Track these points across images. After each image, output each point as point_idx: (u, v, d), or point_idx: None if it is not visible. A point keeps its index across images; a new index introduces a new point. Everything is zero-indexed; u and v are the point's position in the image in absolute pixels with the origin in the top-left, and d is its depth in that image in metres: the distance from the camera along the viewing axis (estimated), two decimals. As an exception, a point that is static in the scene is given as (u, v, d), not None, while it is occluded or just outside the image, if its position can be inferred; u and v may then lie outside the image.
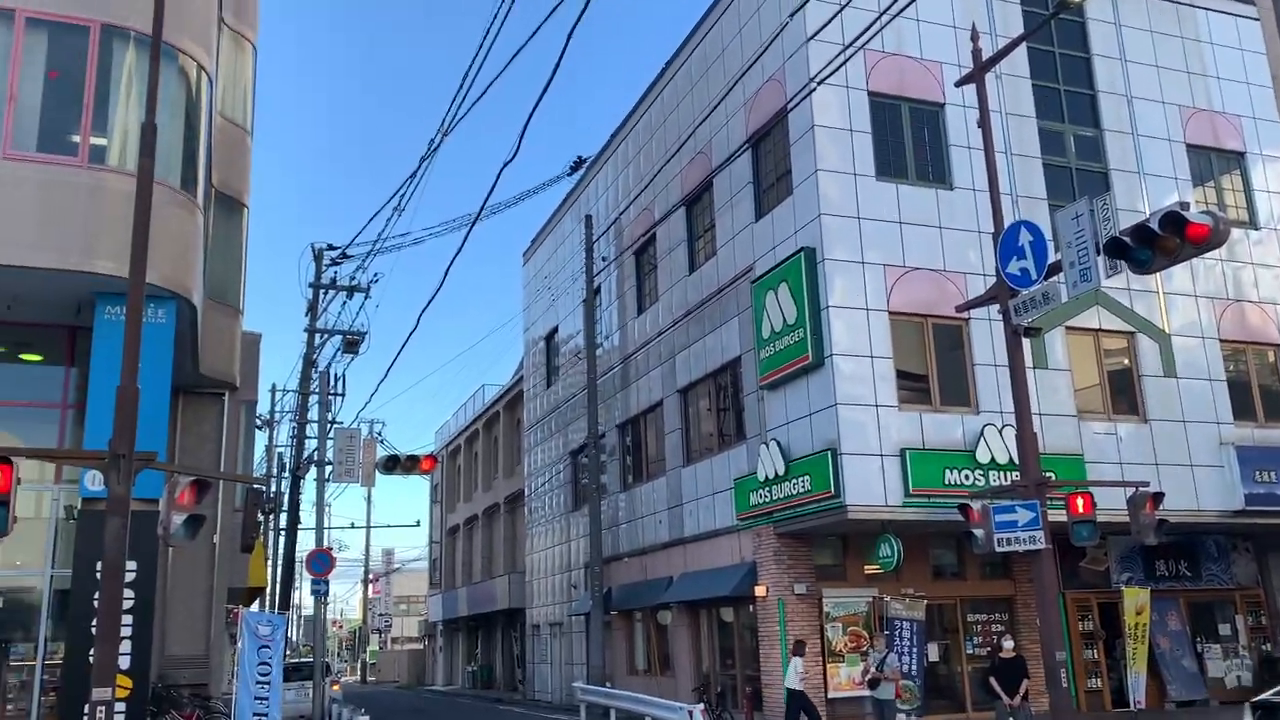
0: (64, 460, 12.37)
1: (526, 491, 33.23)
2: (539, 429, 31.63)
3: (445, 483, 48.97)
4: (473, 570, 42.94)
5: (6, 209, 11.74)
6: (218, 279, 16.35)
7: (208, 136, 14.47)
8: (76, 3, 12.59)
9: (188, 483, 8.62)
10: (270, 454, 35.84)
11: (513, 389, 37.59)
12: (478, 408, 43.43)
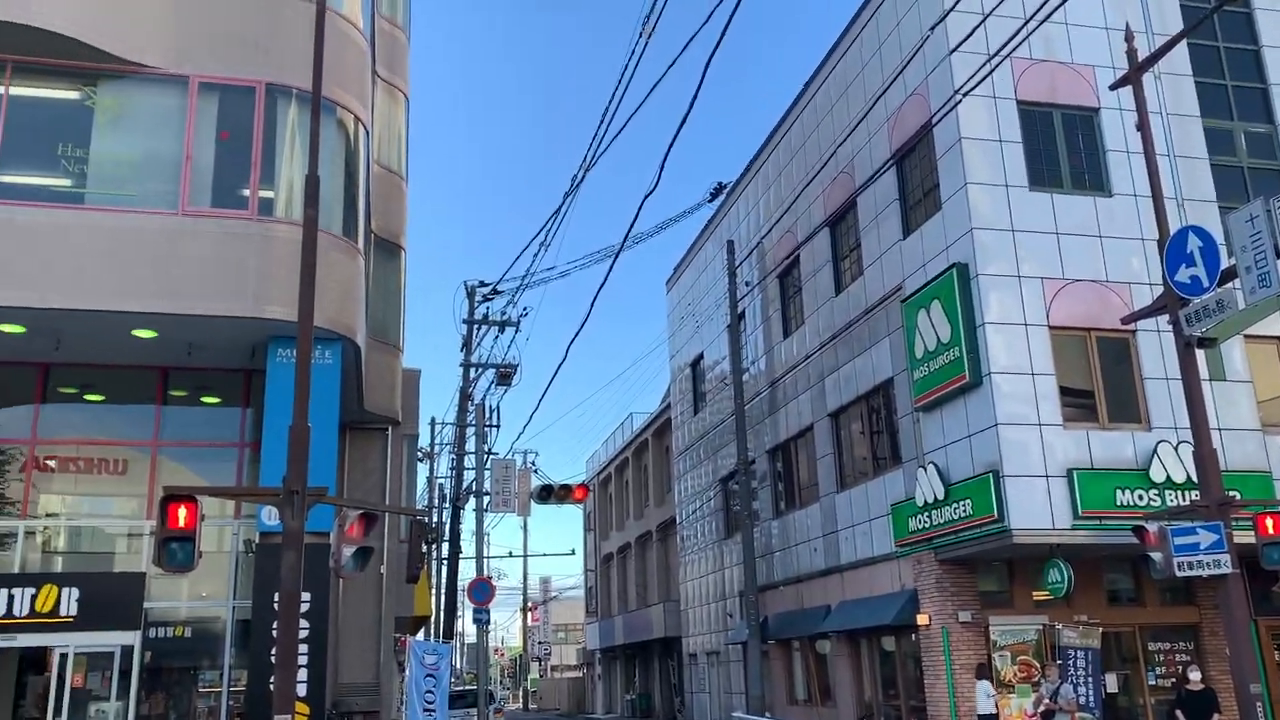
0: (242, 497, 13.10)
1: (678, 519, 33.26)
2: (688, 456, 31.66)
3: (598, 511, 49.53)
4: (628, 598, 43.18)
5: (186, 262, 12.58)
6: (378, 319, 17.08)
7: (366, 184, 15.17)
8: (243, 65, 13.44)
9: (356, 516, 8.98)
10: (431, 485, 37.06)
11: (660, 416, 37.79)
12: (626, 436, 43.83)
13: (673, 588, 35.23)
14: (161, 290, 12.42)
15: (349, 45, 14.38)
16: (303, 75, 13.41)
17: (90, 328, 12.75)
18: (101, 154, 13.09)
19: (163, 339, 13.24)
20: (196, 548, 8.25)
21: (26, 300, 12.00)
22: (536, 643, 74.47)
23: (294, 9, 13.78)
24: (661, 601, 36.16)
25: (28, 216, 12.30)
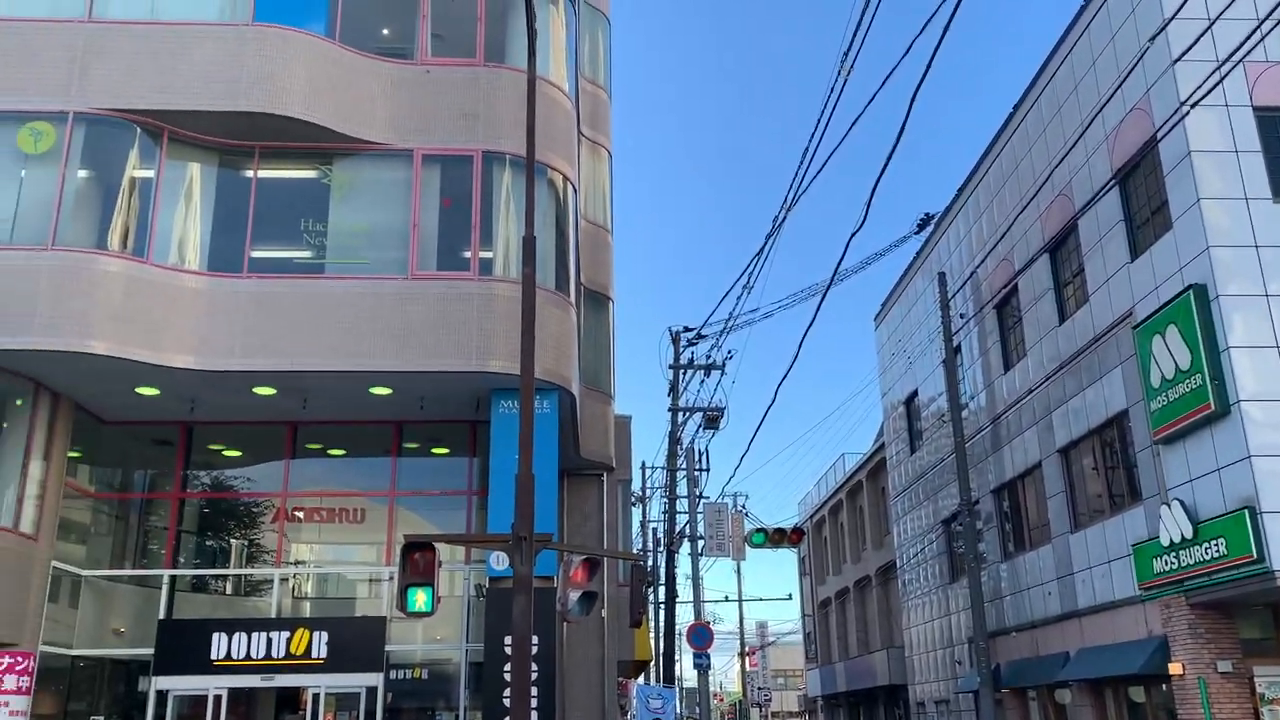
0: (473, 544, 13.70)
1: (898, 563, 32.20)
2: (905, 497, 30.68)
3: (813, 555, 48.65)
4: (848, 644, 42.07)
5: (415, 322, 13.40)
6: (590, 368, 17.58)
7: (575, 240, 15.73)
8: (461, 136, 14.29)
9: (580, 561, 9.21)
10: (644, 530, 37.53)
11: (874, 456, 36.85)
12: (839, 477, 42.96)
13: (895, 633, 34.05)
14: (395, 350, 13.27)
15: (557, 109, 15.02)
16: (515, 141, 14.14)
17: (333, 387, 13.76)
18: (338, 226, 14.18)
19: (397, 395, 14.11)
20: (435, 593, 8.69)
21: (279, 365, 13.10)
22: (756, 688, 73.59)
23: (505, 80, 14.55)
24: (885, 648, 35.00)
25: (277, 288, 13.46)
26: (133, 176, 13.61)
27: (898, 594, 32.74)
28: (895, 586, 33.40)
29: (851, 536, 41.18)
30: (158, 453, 15.54)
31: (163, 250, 13.40)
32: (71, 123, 13.35)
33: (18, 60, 13.52)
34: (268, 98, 13.60)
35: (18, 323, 12.31)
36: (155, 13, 14.05)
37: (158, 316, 12.93)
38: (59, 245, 12.78)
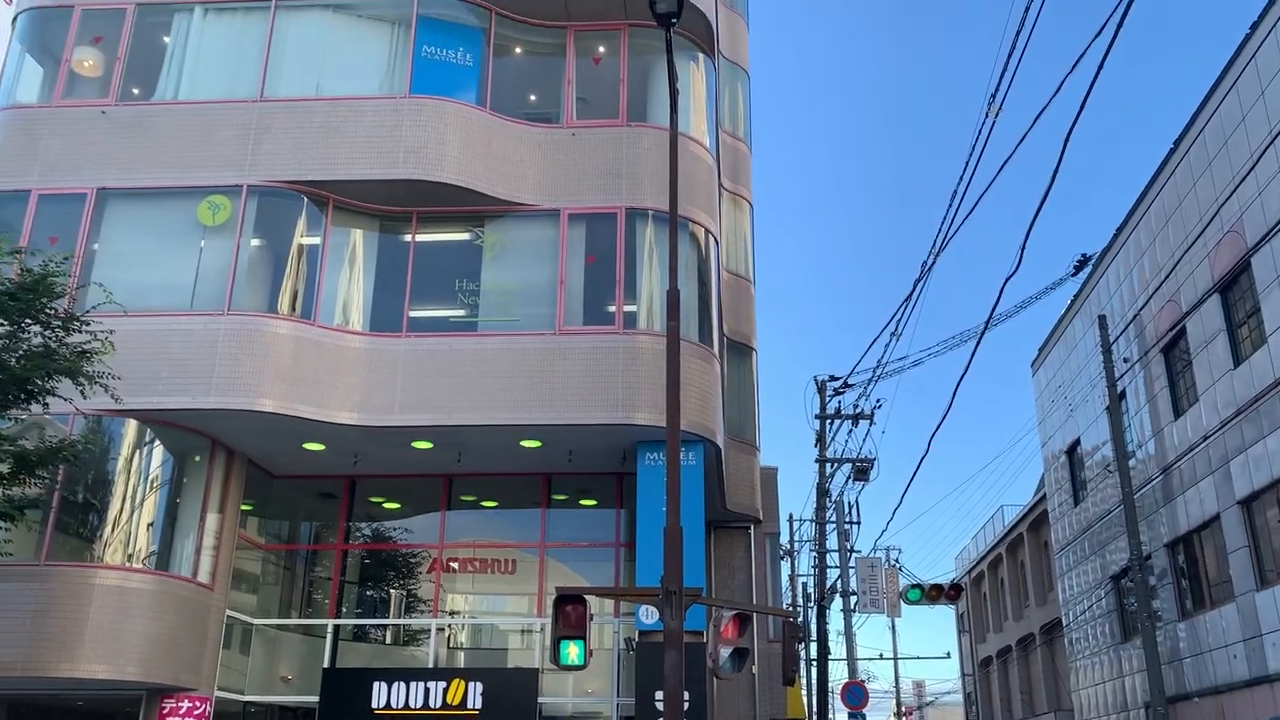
0: (623, 597, 13.73)
1: (1064, 620, 30.55)
2: (1070, 551, 29.17)
3: (972, 611, 46.71)
4: (1012, 705, 40.05)
5: (564, 376, 13.67)
6: (735, 419, 17.51)
7: (717, 291, 15.79)
8: (605, 194, 14.62)
9: (730, 616, 9.12)
10: (793, 583, 36.82)
11: (1035, 509, 35.26)
12: (998, 530, 41.25)
13: (1063, 695, 32.23)
14: (544, 403, 13.56)
15: (698, 164, 15.21)
16: (657, 197, 14.36)
17: (486, 440, 14.13)
18: (490, 285, 14.66)
19: (546, 448, 14.37)
20: (588, 647, 8.74)
21: (437, 420, 13.55)
22: (913, 751, 70.66)
23: (648, 139, 14.84)
24: (1052, 710, 33.17)
25: (433, 345, 13.98)
26: (300, 243, 14.45)
27: (1064, 653, 31.03)
28: (1062, 645, 31.68)
29: (1013, 593, 39.37)
30: (323, 505, 16.25)
31: (328, 312, 14.12)
32: (245, 195, 14.28)
33: (198, 139, 14.60)
34: (423, 165, 14.25)
35: (198, 384, 13.15)
36: (320, 89, 14.96)
37: (323, 375, 13.59)
38: (234, 310, 13.63)
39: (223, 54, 15.37)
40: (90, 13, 15.56)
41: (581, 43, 15.74)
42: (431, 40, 15.15)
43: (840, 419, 25.58)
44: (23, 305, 10.20)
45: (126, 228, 14.70)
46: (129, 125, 14.78)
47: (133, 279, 13.87)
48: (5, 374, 9.98)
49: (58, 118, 14.96)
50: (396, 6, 15.29)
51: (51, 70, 15.56)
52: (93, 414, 12.74)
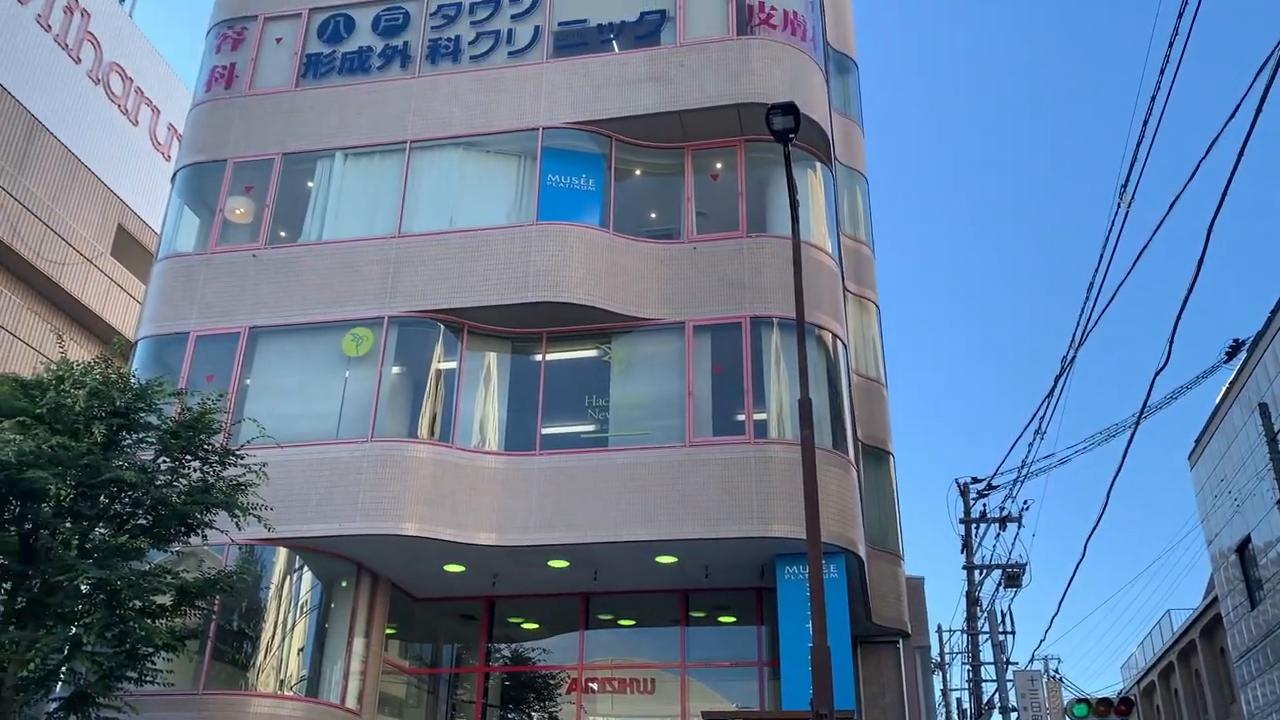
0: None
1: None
2: (1253, 659, 26.93)
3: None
4: (1198, 832, 36.63)
5: (696, 489, 13.57)
6: (875, 527, 16.99)
7: (849, 396, 15.54)
8: (728, 305, 14.71)
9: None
10: (946, 699, 34.96)
11: (1206, 612, 32.83)
12: (1167, 637, 38.49)
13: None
14: (677, 517, 13.45)
15: (821, 269, 15.20)
16: (781, 304, 14.38)
17: (620, 557, 14.06)
18: (619, 399, 14.81)
19: (682, 563, 14.20)
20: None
21: (571, 538, 13.59)
22: None
23: (768, 248, 14.96)
24: (1245, 837, 30.17)
25: (566, 463, 14.11)
26: (438, 368, 14.94)
27: (1255, 773, 28.37)
28: (1251, 764, 28.99)
29: (1190, 705, 36.44)
30: (463, 627, 16.34)
31: (466, 434, 14.46)
32: (386, 326, 14.91)
33: (342, 275, 15.39)
34: (552, 288, 14.66)
35: (344, 510, 13.56)
36: (453, 222, 15.65)
37: (462, 497, 13.84)
38: (378, 436, 14.09)
39: (363, 194, 16.29)
40: (241, 164, 16.76)
41: (699, 160, 16.11)
42: (556, 169, 15.74)
43: (986, 523, 24.58)
44: (183, 443, 10.77)
45: (276, 362, 15.49)
46: (278, 266, 15.71)
47: (282, 410, 14.55)
48: (168, 509, 10.49)
49: (213, 263, 16.01)
50: (522, 141, 15.99)
51: (207, 219, 16.74)
52: (246, 544, 13.23)
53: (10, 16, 27.28)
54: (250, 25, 17.89)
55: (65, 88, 28.92)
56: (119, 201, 30.43)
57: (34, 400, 9.96)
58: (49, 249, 26.22)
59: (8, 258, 25.63)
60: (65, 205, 28.00)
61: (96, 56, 30.32)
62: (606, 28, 16.65)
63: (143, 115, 32.17)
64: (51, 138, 28.27)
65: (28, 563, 9.88)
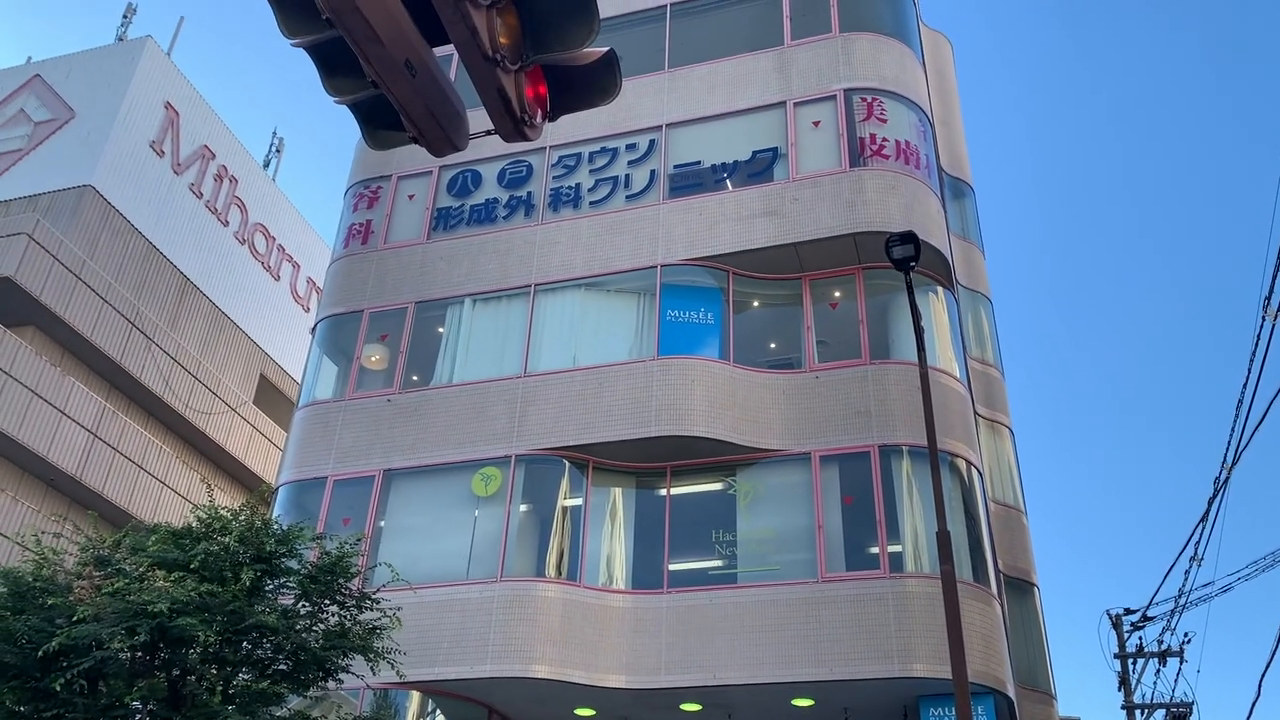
0: None
1: None
2: None
3: None
4: None
5: (830, 627, 13.11)
6: (1023, 664, 16.06)
7: (987, 525, 14.97)
8: (855, 434, 14.47)
9: None
10: None
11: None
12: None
13: None
14: (811, 658, 12.98)
15: (950, 395, 14.88)
16: (909, 431, 14.08)
17: (754, 700, 13.58)
18: (746, 534, 14.57)
19: (819, 705, 13.63)
20: None
21: (701, 680, 13.23)
22: None
23: (893, 375, 14.77)
24: None
25: (694, 600, 13.86)
26: (564, 505, 15.02)
27: None
28: None
29: None
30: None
31: (592, 572, 14.40)
32: (514, 465, 15.14)
33: (471, 416, 15.78)
34: (674, 422, 14.71)
35: (474, 653, 13.54)
36: (576, 361, 15.97)
37: (590, 637, 13.69)
38: (507, 576, 14.15)
39: (491, 337, 16.83)
40: (376, 314, 17.56)
41: (817, 290, 16.16)
42: (674, 304, 16.00)
43: (1144, 657, 22.98)
44: (322, 587, 10.99)
45: (409, 503, 15.83)
46: (411, 409, 16.22)
47: (414, 550, 14.80)
48: (307, 654, 10.65)
49: (350, 409, 16.64)
50: (642, 279, 16.36)
51: (344, 367, 17.49)
52: (380, 688, 13.29)
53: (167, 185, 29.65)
54: (385, 184, 19.00)
55: (214, 248, 31.06)
56: (261, 352, 32.13)
57: (185, 550, 10.35)
58: (197, 400, 27.70)
59: (159, 409, 27.17)
60: (212, 358, 29.70)
61: (243, 219, 32.57)
62: (720, 168, 17.11)
63: (284, 271, 34.20)
64: (201, 295, 30.22)
65: (175, 709, 10.09)
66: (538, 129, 5.26)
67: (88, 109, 28.67)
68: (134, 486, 24.92)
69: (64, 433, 23.50)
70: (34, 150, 28.50)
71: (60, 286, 24.33)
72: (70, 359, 25.09)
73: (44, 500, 23.54)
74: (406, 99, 4.77)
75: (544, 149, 17.98)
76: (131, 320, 26.04)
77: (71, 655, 9.42)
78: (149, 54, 29.81)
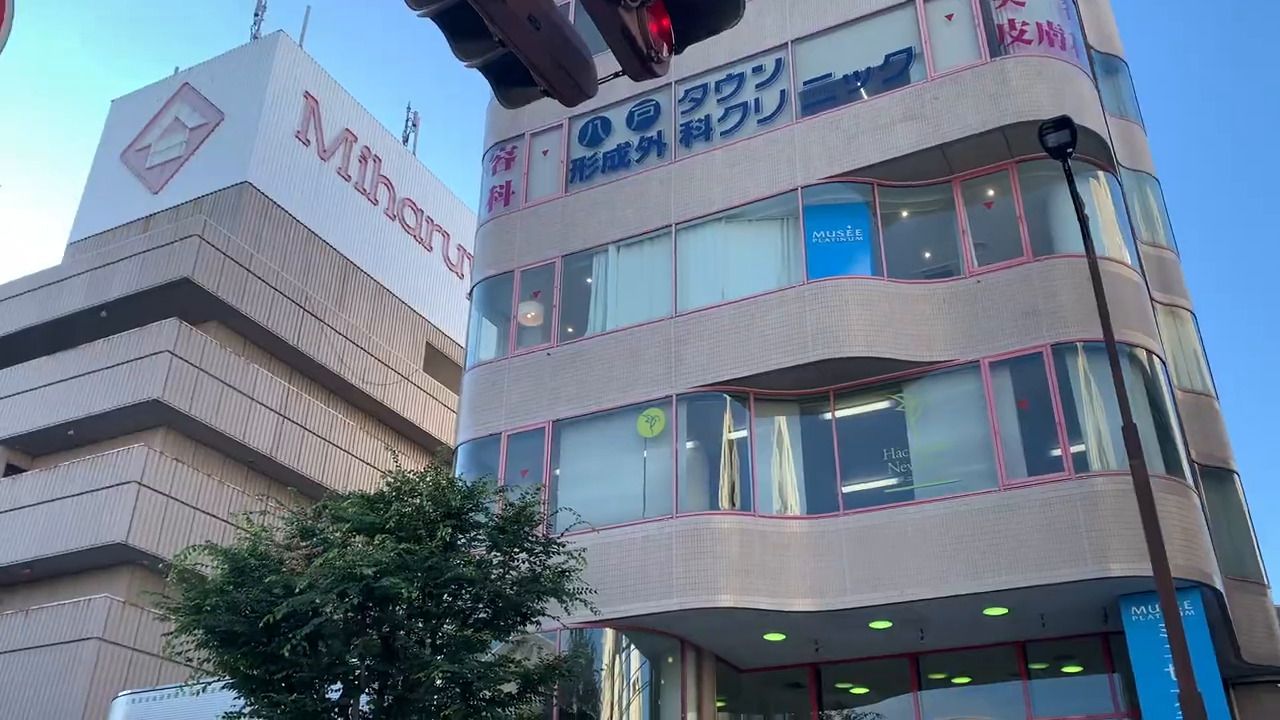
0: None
1: None
2: None
3: None
4: None
5: (1016, 534, 12.81)
6: (1229, 554, 15.31)
7: (1175, 415, 14.26)
8: (1024, 336, 13.95)
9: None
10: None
11: None
12: None
13: None
14: (999, 566, 12.73)
15: (1122, 284, 14.14)
16: (1083, 327, 13.48)
17: (945, 613, 13.45)
18: (919, 449, 14.32)
19: (1013, 614, 13.39)
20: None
21: (889, 598, 13.17)
22: None
23: (1059, 269, 14.13)
24: None
25: (872, 520, 13.77)
26: (729, 439, 15.10)
27: None
28: None
29: None
30: (792, 696, 16.15)
31: (765, 501, 14.48)
32: (675, 404, 15.30)
33: (628, 361, 16.00)
34: (832, 344, 14.52)
35: (660, 587, 13.88)
36: (725, 295, 15.91)
37: (771, 564, 13.80)
38: (681, 513, 14.38)
39: (638, 282, 16.95)
40: (526, 272, 17.93)
41: (969, 191, 15.55)
42: (820, 225, 15.70)
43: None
44: (510, 537, 11.47)
45: (580, 450, 16.24)
46: (570, 361, 16.57)
47: (591, 495, 15.20)
48: (504, 601, 11.17)
49: (514, 366, 17.13)
50: (783, 204, 16.11)
51: (504, 327, 17.98)
52: (576, 628, 13.81)
53: (316, 172, 30.94)
54: (519, 144, 19.27)
55: (367, 227, 32.32)
56: (424, 321, 33.40)
57: (379, 513, 10.96)
58: (371, 373, 29.07)
59: (338, 386, 28.68)
60: (380, 331, 31.07)
61: (390, 195, 33.72)
62: (852, 77, 16.58)
63: (435, 241, 35.31)
64: (362, 273, 31.56)
65: (390, 662, 10.78)
66: (665, 64, 5.22)
67: (234, 109, 30.12)
68: (324, 460, 26.49)
69: (255, 417, 25.12)
70: (192, 156, 30.20)
71: (233, 281, 25.84)
72: (251, 348, 26.71)
73: (246, 481, 25.29)
74: (533, 53, 4.80)
75: (669, 85, 17.82)
76: (302, 305, 27.47)
77: (291, 620, 10.16)
78: (283, 48, 31.00)
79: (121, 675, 21.30)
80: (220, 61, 31.66)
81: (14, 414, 25.36)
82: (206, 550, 11.09)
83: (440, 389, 31.24)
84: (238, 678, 10.72)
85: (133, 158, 31.37)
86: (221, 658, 10.68)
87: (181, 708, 13.52)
